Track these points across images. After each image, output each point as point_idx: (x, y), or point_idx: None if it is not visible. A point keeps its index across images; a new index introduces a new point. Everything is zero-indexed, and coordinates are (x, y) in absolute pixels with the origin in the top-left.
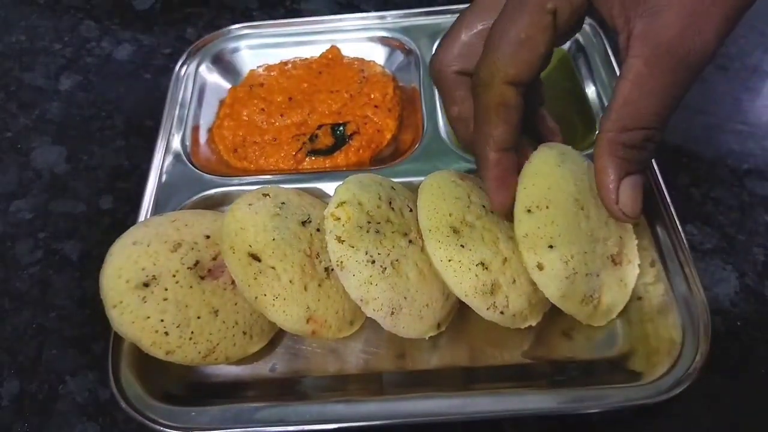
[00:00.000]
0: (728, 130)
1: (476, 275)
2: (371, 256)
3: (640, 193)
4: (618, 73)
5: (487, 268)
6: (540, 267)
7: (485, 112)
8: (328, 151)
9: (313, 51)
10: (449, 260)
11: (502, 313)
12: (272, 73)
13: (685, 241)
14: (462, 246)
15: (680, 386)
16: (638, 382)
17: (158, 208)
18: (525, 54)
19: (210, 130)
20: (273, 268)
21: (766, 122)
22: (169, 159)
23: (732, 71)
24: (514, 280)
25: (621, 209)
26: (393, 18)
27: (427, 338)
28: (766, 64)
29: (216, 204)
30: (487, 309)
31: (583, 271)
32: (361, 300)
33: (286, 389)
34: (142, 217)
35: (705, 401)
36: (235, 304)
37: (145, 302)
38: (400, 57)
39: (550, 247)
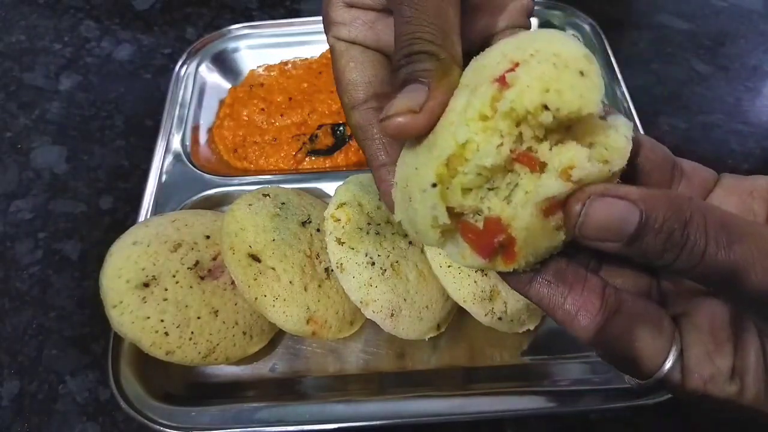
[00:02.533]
0: (728, 130)
1: (475, 281)
2: (371, 258)
3: (410, 96)
4: (618, 73)
5: (486, 275)
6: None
7: (354, 135)
8: (328, 151)
9: (313, 51)
10: (448, 266)
11: (500, 318)
12: (272, 73)
13: None
14: None
15: None
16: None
17: (158, 208)
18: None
19: (210, 130)
20: (273, 268)
21: (766, 122)
22: (169, 159)
23: (732, 71)
24: None
25: (389, 113)
26: None
27: (426, 339)
28: (766, 64)
29: (216, 204)
30: (486, 315)
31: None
32: (361, 302)
33: (286, 389)
34: (142, 217)
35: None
36: (235, 304)
37: (145, 302)
38: None
39: None
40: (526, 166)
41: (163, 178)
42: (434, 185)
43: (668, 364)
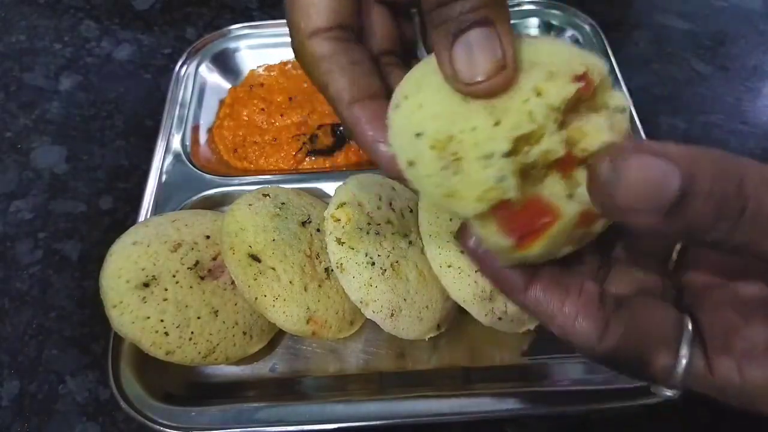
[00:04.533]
0: (728, 130)
1: (475, 281)
2: (371, 258)
3: (480, 48)
4: (618, 74)
5: None
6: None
7: (309, 73)
8: (328, 151)
9: None
10: (449, 266)
11: (500, 318)
12: (272, 73)
13: None
14: (462, 252)
15: None
16: (638, 382)
17: (158, 208)
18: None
19: (210, 130)
20: (273, 268)
21: (766, 122)
22: (169, 159)
23: (732, 71)
24: None
25: (457, 78)
26: None
27: (426, 339)
28: (766, 64)
29: (216, 204)
30: (486, 315)
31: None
32: (361, 302)
33: (286, 389)
34: (142, 217)
35: (705, 401)
36: (235, 304)
37: (145, 302)
38: None
39: None
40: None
41: (163, 178)
42: (507, 154)
43: (683, 353)
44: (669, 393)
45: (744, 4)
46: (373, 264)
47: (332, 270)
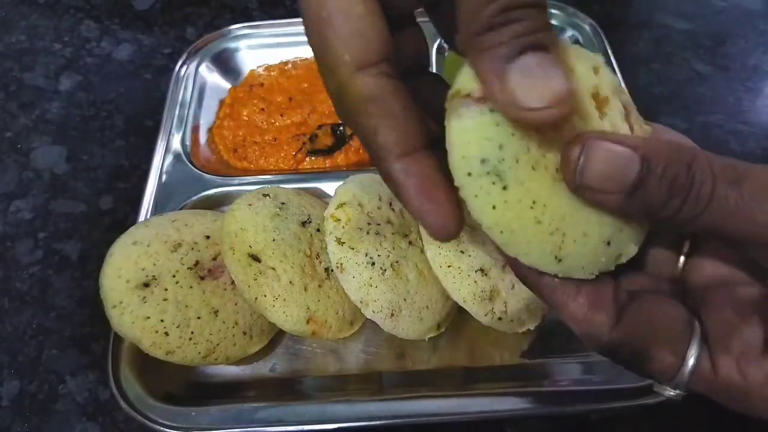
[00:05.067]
0: (728, 130)
1: (475, 281)
2: (371, 258)
3: (543, 73)
4: (619, 74)
5: (486, 274)
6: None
7: (353, 115)
8: (328, 151)
9: None
10: (449, 266)
11: (500, 318)
12: (272, 73)
13: None
14: (462, 252)
15: None
16: (638, 382)
17: (158, 208)
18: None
19: (210, 130)
20: (273, 268)
21: (766, 122)
22: (169, 159)
23: (732, 71)
24: (514, 286)
25: (516, 105)
26: None
27: (426, 339)
28: (766, 64)
29: (216, 204)
30: (486, 315)
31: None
32: (361, 302)
33: (286, 389)
34: (142, 217)
35: (705, 401)
36: (235, 304)
37: (145, 302)
38: None
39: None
40: None
41: (163, 178)
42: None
43: (692, 353)
44: (672, 393)
45: (744, 4)
46: (373, 264)
47: (332, 270)
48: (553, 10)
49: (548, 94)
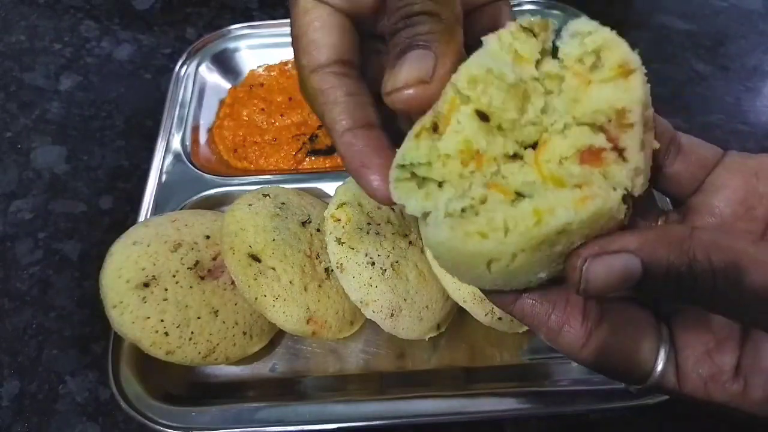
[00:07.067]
0: (728, 130)
1: None
2: (371, 258)
3: (416, 64)
4: None
5: None
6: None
7: (311, 103)
8: (328, 151)
9: None
10: None
11: (500, 318)
12: (272, 73)
13: None
14: None
15: None
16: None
17: (158, 208)
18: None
19: (210, 130)
20: (273, 268)
21: (766, 122)
22: (169, 159)
23: (732, 71)
24: None
25: (391, 86)
26: None
27: (426, 339)
28: (766, 64)
29: (216, 204)
30: (486, 315)
31: None
32: (361, 302)
33: (286, 389)
34: (142, 217)
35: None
36: (235, 304)
37: (145, 302)
38: None
39: None
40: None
41: (163, 178)
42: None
43: (659, 367)
44: (633, 388)
45: (744, 4)
46: (373, 264)
47: (332, 270)
48: (553, 11)
49: (406, 79)
